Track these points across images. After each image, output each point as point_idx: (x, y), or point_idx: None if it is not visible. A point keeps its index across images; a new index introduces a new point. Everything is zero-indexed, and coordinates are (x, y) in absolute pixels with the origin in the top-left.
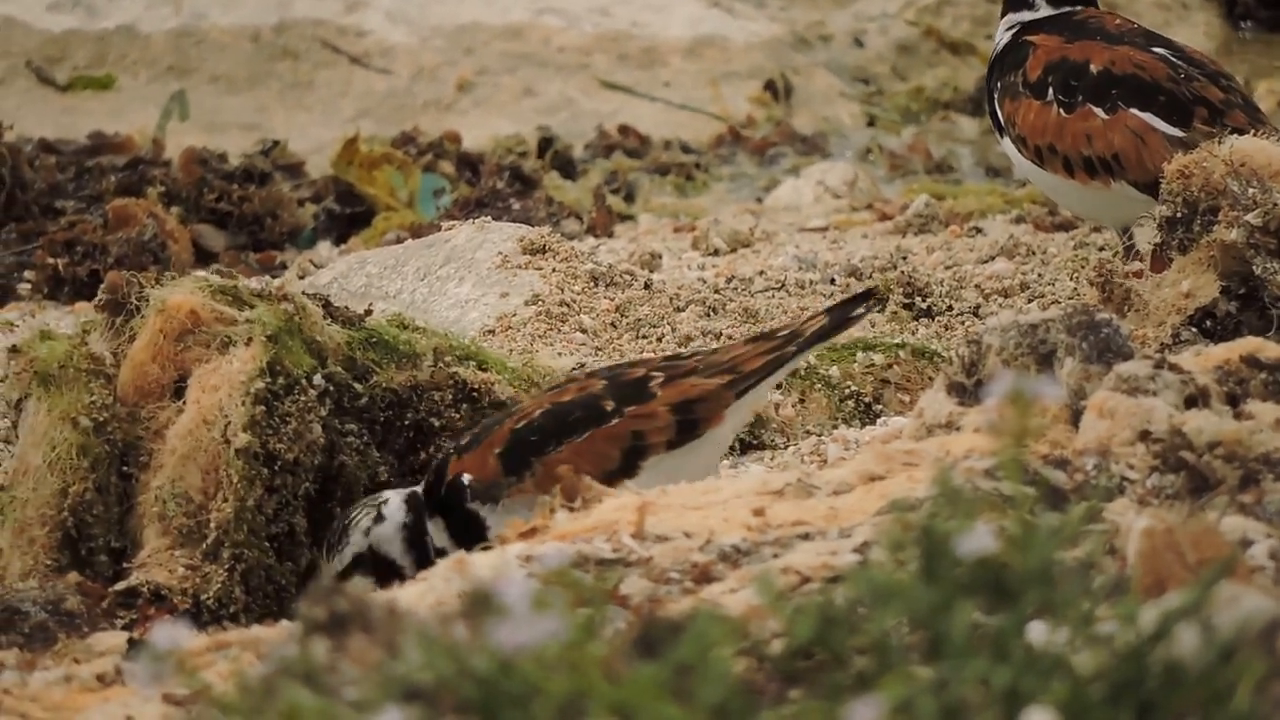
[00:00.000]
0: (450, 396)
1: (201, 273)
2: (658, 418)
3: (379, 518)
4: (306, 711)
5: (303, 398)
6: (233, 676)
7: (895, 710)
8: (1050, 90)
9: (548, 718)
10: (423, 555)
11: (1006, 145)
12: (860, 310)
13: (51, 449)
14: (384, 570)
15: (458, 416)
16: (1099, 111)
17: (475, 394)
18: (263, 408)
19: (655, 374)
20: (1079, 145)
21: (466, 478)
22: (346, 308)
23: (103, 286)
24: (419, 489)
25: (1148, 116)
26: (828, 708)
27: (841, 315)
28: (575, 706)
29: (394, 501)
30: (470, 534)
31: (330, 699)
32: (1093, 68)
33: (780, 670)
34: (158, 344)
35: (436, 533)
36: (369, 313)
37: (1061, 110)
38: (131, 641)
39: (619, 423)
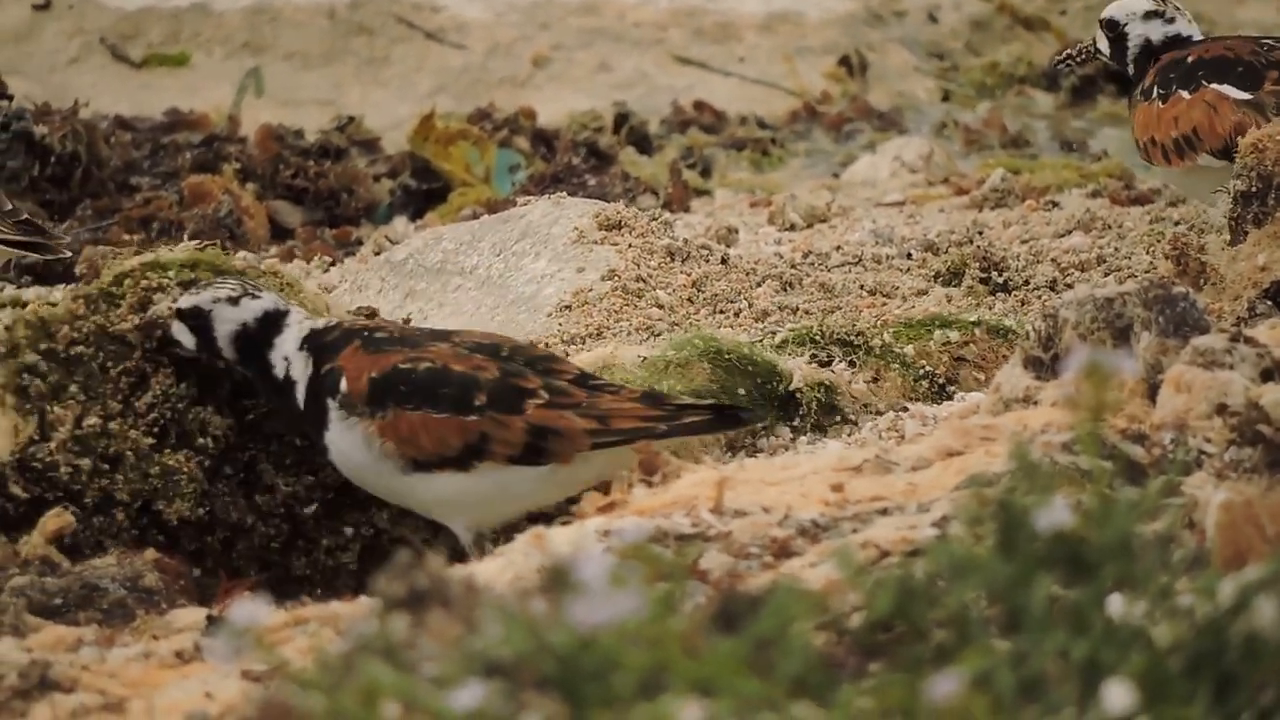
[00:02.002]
0: None
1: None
2: (512, 431)
3: (236, 300)
4: (386, 687)
5: None
6: (311, 652)
7: (975, 683)
8: (1155, 89)
9: (627, 692)
10: (261, 363)
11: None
12: (744, 421)
13: None
14: (208, 344)
15: None
16: (1185, 94)
17: None
18: None
19: (541, 393)
20: (1169, 130)
21: (345, 382)
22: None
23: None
24: (315, 324)
25: (1223, 88)
26: (908, 681)
27: (723, 418)
28: (655, 681)
29: (259, 304)
30: (312, 412)
31: (409, 675)
32: (1189, 59)
33: (860, 644)
34: None
35: (297, 365)
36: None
37: (1160, 103)
38: (210, 618)
39: (476, 420)
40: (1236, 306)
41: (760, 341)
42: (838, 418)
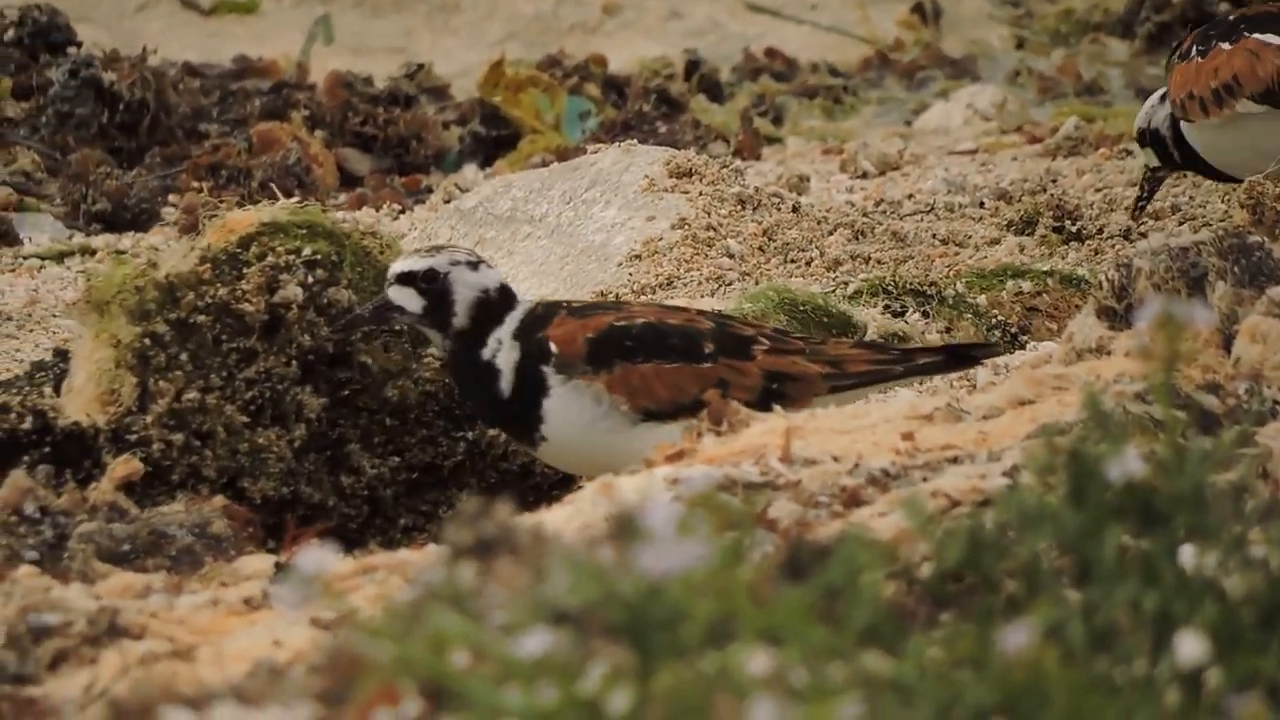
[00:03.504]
0: None
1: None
2: (749, 376)
3: (475, 265)
4: (454, 635)
5: None
6: (380, 600)
7: (1046, 634)
8: (1193, 48)
9: (695, 641)
10: (479, 338)
11: (1186, 130)
12: (978, 360)
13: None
14: (439, 308)
15: None
16: (1225, 45)
17: None
18: None
19: (762, 340)
20: (1208, 81)
21: (554, 346)
22: None
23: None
24: (528, 308)
25: (1265, 36)
26: (978, 631)
27: (957, 358)
28: (723, 630)
29: (497, 275)
30: (528, 388)
31: (477, 623)
32: (1230, 16)
33: (930, 594)
34: None
35: (507, 349)
36: None
37: (1198, 58)
38: (278, 565)
39: (711, 366)
40: None
41: (833, 292)
42: None
